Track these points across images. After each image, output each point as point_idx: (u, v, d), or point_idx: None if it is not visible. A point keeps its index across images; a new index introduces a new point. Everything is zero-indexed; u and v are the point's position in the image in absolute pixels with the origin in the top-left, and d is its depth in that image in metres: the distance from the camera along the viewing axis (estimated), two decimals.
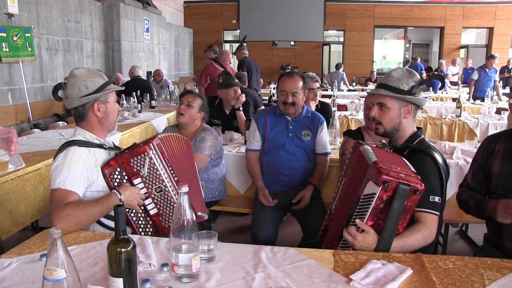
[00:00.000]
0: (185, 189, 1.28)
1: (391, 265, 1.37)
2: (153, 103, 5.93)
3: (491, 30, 12.73)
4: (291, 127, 2.69)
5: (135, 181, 1.76)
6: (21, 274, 1.33)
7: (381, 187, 1.46)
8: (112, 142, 1.97)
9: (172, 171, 1.85)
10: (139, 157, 1.75)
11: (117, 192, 1.69)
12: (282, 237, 3.30)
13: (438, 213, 1.65)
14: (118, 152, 1.82)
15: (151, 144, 1.78)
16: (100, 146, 1.83)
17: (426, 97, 6.98)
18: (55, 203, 1.62)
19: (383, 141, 1.91)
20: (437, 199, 1.65)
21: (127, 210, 1.77)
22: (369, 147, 1.70)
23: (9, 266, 1.37)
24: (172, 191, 1.82)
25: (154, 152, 1.78)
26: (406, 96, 1.78)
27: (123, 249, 1.12)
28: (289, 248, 1.52)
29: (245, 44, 7.10)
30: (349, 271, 1.34)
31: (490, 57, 8.27)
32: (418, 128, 1.89)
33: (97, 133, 1.86)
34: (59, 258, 1.03)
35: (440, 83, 7.83)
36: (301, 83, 2.63)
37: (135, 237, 1.56)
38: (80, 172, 1.69)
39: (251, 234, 2.55)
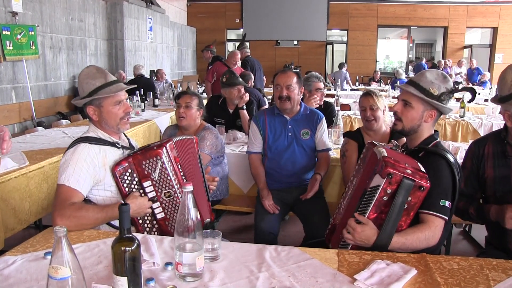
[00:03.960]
0: (189, 188, 1.28)
1: (395, 265, 1.37)
2: (156, 101, 5.95)
3: (495, 30, 12.66)
4: (290, 126, 2.67)
5: (145, 184, 1.74)
6: (26, 272, 1.33)
7: (385, 179, 1.48)
8: (128, 140, 1.95)
9: (183, 177, 1.82)
10: (151, 160, 1.73)
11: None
12: (285, 236, 3.30)
13: (447, 218, 1.59)
14: (131, 152, 1.80)
15: (164, 148, 1.74)
16: (112, 144, 1.82)
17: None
18: (59, 200, 1.63)
19: (395, 143, 1.87)
20: (447, 203, 1.60)
21: None
22: (384, 149, 1.68)
23: (13, 264, 1.37)
24: (181, 197, 1.80)
25: (166, 156, 1.75)
26: (434, 102, 1.71)
27: (127, 248, 1.12)
28: (293, 247, 1.52)
29: (247, 42, 7.09)
30: (353, 271, 1.34)
31: None
32: (435, 131, 1.83)
33: (107, 132, 1.83)
34: (64, 257, 1.03)
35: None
36: (295, 79, 2.61)
37: (139, 236, 1.56)
38: (86, 171, 1.69)
39: (254, 226, 2.54)
